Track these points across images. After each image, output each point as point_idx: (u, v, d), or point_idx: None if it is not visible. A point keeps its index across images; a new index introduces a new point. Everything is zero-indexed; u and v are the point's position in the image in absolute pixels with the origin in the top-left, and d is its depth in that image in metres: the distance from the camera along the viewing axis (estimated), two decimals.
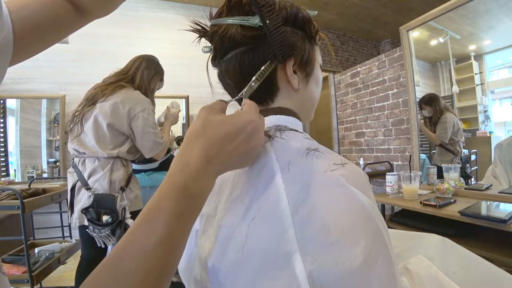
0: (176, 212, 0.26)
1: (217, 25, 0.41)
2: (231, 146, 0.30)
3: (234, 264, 0.31)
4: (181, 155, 0.30)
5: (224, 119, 0.31)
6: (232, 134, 0.30)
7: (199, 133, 0.30)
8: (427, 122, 2.03)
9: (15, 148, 2.52)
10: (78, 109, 1.27)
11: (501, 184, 1.55)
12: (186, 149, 0.30)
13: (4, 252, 1.59)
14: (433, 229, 1.16)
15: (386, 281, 0.28)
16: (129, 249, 0.25)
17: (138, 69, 1.35)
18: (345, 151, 3.33)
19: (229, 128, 0.30)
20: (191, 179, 0.28)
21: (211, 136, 0.30)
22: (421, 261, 0.63)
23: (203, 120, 0.31)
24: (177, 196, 0.27)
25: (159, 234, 0.25)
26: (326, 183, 0.31)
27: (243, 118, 0.32)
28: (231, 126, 0.31)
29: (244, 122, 0.31)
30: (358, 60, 4.17)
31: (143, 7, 2.95)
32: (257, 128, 0.32)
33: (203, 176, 0.29)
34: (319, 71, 0.47)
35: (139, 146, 1.31)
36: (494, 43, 1.85)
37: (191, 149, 0.29)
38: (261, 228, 0.31)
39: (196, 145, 0.29)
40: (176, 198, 0.27)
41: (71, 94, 2.60)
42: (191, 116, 3.05)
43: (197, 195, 0.29)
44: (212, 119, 0.31)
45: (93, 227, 1.17)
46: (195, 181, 0.28)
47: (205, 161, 0.29)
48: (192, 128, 0.31)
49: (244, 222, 0.33)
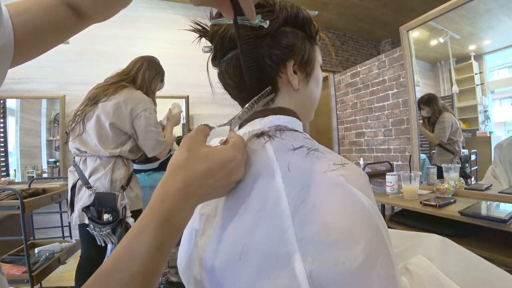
0: (155, 243, 0.27)
1: (218, 25, 0.41)
2: (212, 180, 0.31)
3: (234, 264, 0.32)
4: (163, 184, 0.30)
5: (207, 153, 0.32)
6: (213, 170, 0.31)
7: (181, 165, 0.31)
8: (425, 122, 2.04)
9: (15, 148, 2.52)
10: (80, 108, 1.28)
11: (501, 184, 1.55)
12: (169, 180, 0.31)
13: (4, 252, 1.59)
14: (433, 229, 1.16)
15: (386, 281, 0.28)
16: (112, 273, 0.26)
17: (139, 70, 1.37)
18: (345, 151, 3.33)
19: (211, 163, 0.31)
20: (171, 212, 0.29)
21: (194, 170, 0.31)
22: (421, 261, 0.63)
23: (187, 151, 0.32)
24: (156, 228, 0.28)
25: (139, 265, 0.26)
26: (326, 183, 0.31)
27: (226, 154, 0.33)
28: (213, 161, 0.32)
29: (226, 159, 0.32)
30: (358, 60, 4.17)
31: (143, 7, 2.95)
32: (238, 165, 0.33)
33: (182, 209, 0.30)
34: (319, 71, 0.47)
35: (142, 145, 1.33)
36: (494, 43, 1.85)
37: (174, 181, 0.30)
38: (261, 228, 0.31)
39: (178, 177, 0.30)
40: (156, 230, 0.28)
41: (71, 94, 2.60)
42: (191, 116, 3.05)
43: (176, 226, 0.30)
44: (196, 151, 0.32)
45: (93, 225, 1.18)
46: (175, 214, 0.29)
47: (185, 194, 0.30)
48: (176, 158, 0.32)
49: (244, 222, 0.33)
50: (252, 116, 0.43)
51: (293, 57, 0.41)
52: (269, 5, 0.40)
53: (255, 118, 0.43)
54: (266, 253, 0.30)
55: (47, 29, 0.38)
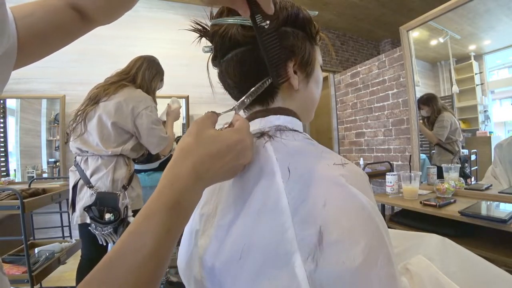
0: (166, 226, 0.27)
1: (218, 25, 0.41)
2: (220, 163, 0.31)
3: (234, 264, 0.32)
4: (172, 168, 0.30)
5: (215, 136, 0.32)
6: (222, 152, 0.31)
7: (190, 148, 0.31)
8: (425, 122, 2.04)
9: (15, 148, 2.52)
10: (80, 108, 1.28)
11: (501, 184, 1.55)
12: (177, 163, 0.31)
13: (4, 252, 1.59)
14: (433, 229, 1.16)
15: (386, 281, 0.28)
16: (120, 260, 0.26)
17: (139, 69, 1.37)
18: (345, 151, 3.33)
19: (219, 146, 0.31)
20: (181, 195, 0.29)
21: (202, 153, 0.31)
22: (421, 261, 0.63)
23: (195, 134, 0.32)
24: (167, 211, 0.28)
25: (149, 248, 0.26)
26: (326, 183, 0.31)
27: (233, 136, 0.33)
28: (221, 144, 0.32)
29: (234, 140, 0.32)
30: (358, 60, 4.17)
31: (143, 7, 2.95)
32: (245, 147, 0.33)
33: (192, 191, 0.30)
34: (319, 71, 0.47)
35: (146, 143, 1.33)
36: (494, 43, 1.85)
37: (182, 164, 0.30)
38: (261, 228, 0.31)
39: (187, 160, 0.30)
40: (166, 213, 0.28)
41: (71, 94, 2.60)
42: (191, 116, 3.05)
43: (186, 209, 0.30)
44: (204, 135, 0.32)
45: (95, 225, 1.18)
46: (184, 196, 0.29)
47: (195, 177, 0.30)
48: (184, 141, 0.32)
49: (244, 222, 0.33)
50: (252, 116, 0.43)
51: (293, 57, 0.41)
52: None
53: (255, 118, 0.43)
54: (266, 253, 0.30)
55: (51, 32, 0.38)
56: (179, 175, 0.30)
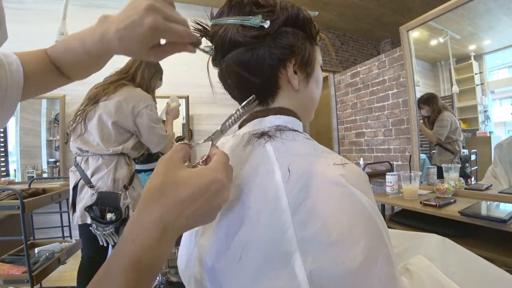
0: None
1: (218, 25, 0.41)
2: (192, 209, 0.27)
3: (234, 264, 0.32)
4: (135, 220, 0.27)
5: (186, 178, 0.28)
6: (193, 196, 0.27)
7: (155, 196, 0.27)
8: (425, 121, 2.04)
9: (15, 148, 2.52)
10: (80, 108, 1.28)
11: (501, 184, 1.55)
12: (141, 213, 0.27)
13: (4, 252, 1.59)
14: (433, 229, 1.16)
15: (386, 281, 0.28)
16: None
17: (138, 68, 1.37)
18: (345, 151, 3.33)
19: (190, 190, 0.27)
20: (143, 252, 0.25)
21: (170, 200, 0.27)
22: (421, 261, 0.63)
23: (162, 176, 0.28)
24: (126, 271, 0.24)
25: None
26: (326, 183, 0.31)
27: (207, 176, 0.29)
28: (193, 187, 0.28)
29: (207, 181, 0.28)
30: (358, 60, 4.17)
31: None
32: (221, 187, 0.29)
33: (157, 245, 0.26)
34: (319, 72, 0.47)
35: (146, 142, 1.34)
36: (494, 43, 1.85)
37: (146, 214, 0.26)
38: (261, 228, 0.31)
39: (152, 209, 0.26)
40: (125, 274, 0.24)
41: (71, 94, 2.59)
42: (191, 116, 3.05)
43: (150, 267, 0.25)
44: (172, 177, 0.28)
45: (96, 225, 1.18)
46: (148, 254, 0.25)
47: (162, 227, 0.26)
48: (150, 185, 0.28)
49: (244, 222, 0.33)
50: (252, 116, 0.44)
51: (293, 57, 0.41)
52: (269, 6, 0.40)
53: (255, 118, 0.43)
54: (266, 253, 0.30)
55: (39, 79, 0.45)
56: (142, 227, 0.26)
